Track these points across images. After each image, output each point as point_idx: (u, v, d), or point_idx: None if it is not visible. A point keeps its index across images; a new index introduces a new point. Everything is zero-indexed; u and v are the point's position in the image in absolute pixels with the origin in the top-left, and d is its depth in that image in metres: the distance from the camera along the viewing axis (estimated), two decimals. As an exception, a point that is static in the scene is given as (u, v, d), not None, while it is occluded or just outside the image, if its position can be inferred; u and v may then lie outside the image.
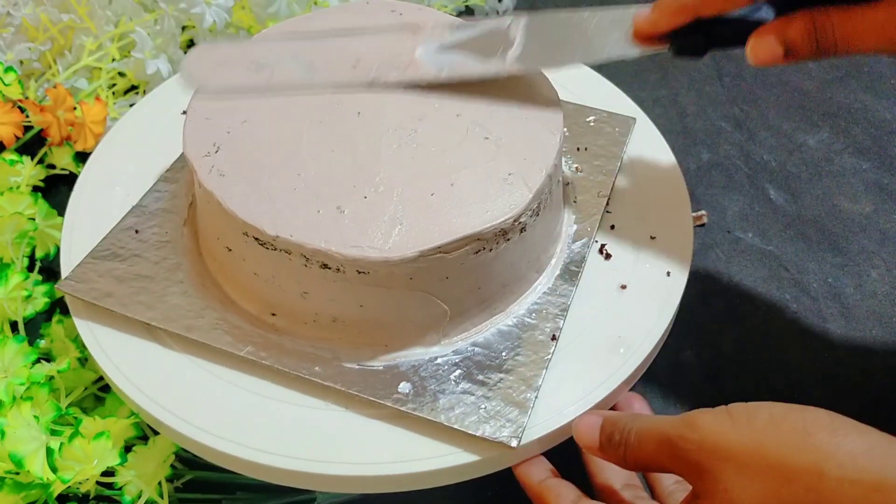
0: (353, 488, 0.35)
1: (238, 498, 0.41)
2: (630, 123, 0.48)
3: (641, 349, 0.38)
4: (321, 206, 0.35)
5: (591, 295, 0.40)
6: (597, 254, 0.42)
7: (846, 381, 0.47)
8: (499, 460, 0.35)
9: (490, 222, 0.35)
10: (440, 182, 0.36)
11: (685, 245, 0.42)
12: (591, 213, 0.43)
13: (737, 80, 0.66)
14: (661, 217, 0.44)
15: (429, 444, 0.35)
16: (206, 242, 0.40)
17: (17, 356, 0.41)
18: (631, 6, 0.37)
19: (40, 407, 0.39)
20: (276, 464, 0.34)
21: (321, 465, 0.34)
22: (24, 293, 0.45)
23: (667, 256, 0.42)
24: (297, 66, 0.41)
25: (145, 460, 0.38)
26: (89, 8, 0.57)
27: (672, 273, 0.41)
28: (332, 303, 0.36)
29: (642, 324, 0.39)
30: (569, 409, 0.36)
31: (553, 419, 0.35)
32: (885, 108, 0.64)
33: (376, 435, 0.35)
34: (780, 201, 0.57)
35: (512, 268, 0.38)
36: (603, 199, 0.44)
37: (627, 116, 0.48)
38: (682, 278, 0.41)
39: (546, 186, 0.37)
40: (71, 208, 0.44)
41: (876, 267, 0.53)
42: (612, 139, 0.47)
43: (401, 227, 0.34)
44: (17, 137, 0.52)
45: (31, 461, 0.36)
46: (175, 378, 0.37)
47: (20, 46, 0.57)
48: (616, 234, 0.43)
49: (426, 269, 0.34)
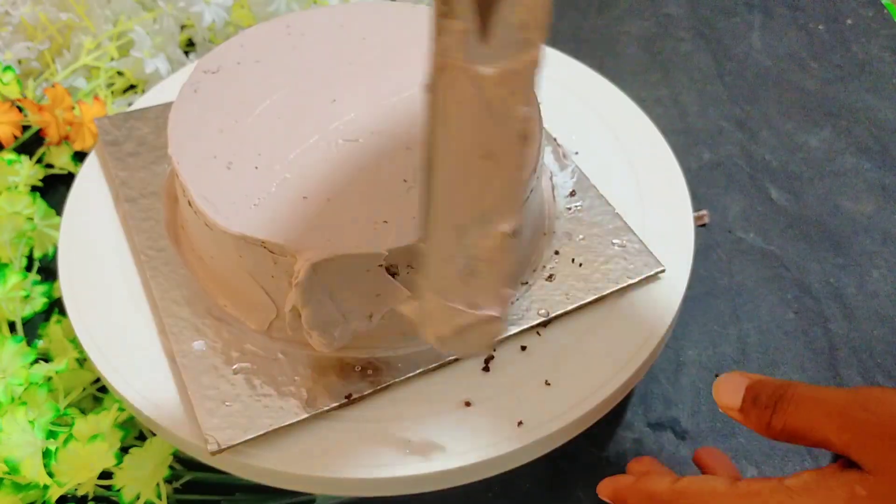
0: (352, 491, 0.35)
1: (237, 499, 0.41)
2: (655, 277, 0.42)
3: (642, 349, 0.38)
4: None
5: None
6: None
7: (848, 382, 0.47)
8: (500, 463, 0.35)
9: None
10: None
11: (686, 245, 0.42)
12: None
13: (738, 79, 0.66)
14: (662, 217, 0.43)
15: (428, 445, 0.34)
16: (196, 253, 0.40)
17: (16, 356, 0.41)
18: None
19: (38, 408, 0.39)
20: (275, 466, 0.34)
21: (319, 468, 0.34)
22: (23, 293, 0.45)
23: (667, 256, 0.41)
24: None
25: (143, 462, 0.38)
26: (88, 7, 0.57)
27: (673, 273, 0.41)
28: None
29: (643, 323, 0.39)
30: (569, 408, 0.36)
31: (526, 435, 0.35)
32: (888, 107, 0.63)
33: (453, 427, 0.35)
34: (782, 201, 0.57)
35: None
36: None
37: (655, 271, 0.41)
38: (683, 278, 0.41)
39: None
40: (69, 208, 0.44)
41: (878, 267, 0.53)
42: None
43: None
44: (16, 137, 0.52)
45: (27, 466, 0.36)
46: (172, 380, 0.37)
47: (18, 45, 0.57)
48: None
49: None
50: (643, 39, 0.70)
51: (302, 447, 0.34)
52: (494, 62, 0.25)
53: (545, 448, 0.36)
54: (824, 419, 0.29)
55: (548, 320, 0.38)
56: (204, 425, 0.34)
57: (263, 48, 0.43)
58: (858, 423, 0.28)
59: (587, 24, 0.71)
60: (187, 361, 0.36)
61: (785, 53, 0.68)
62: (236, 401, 0.35)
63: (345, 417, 0.35)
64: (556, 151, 0.46)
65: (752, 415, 0.31)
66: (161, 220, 0.42)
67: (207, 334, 0.37)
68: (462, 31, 0.24)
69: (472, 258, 0.28)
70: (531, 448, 0.35)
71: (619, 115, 0.49)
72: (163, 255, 0.40)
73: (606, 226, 0.42)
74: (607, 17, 0.72)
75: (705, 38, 0.70)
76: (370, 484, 0.34)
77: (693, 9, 0.73)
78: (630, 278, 0.40)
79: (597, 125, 0.48)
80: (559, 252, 0.41)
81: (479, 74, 0.25)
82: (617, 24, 0.71)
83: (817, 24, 0.71)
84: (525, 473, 0.39)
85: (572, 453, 0.36)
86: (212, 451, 0.33)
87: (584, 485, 0.42)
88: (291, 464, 0.34)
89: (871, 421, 0.28)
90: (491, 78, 0.25)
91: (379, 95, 0.40)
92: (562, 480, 0.42)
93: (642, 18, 0.72)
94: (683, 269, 0.41)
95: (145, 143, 0.45)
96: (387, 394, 0.36)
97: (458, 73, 0.25)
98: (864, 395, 0.28)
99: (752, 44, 0.69)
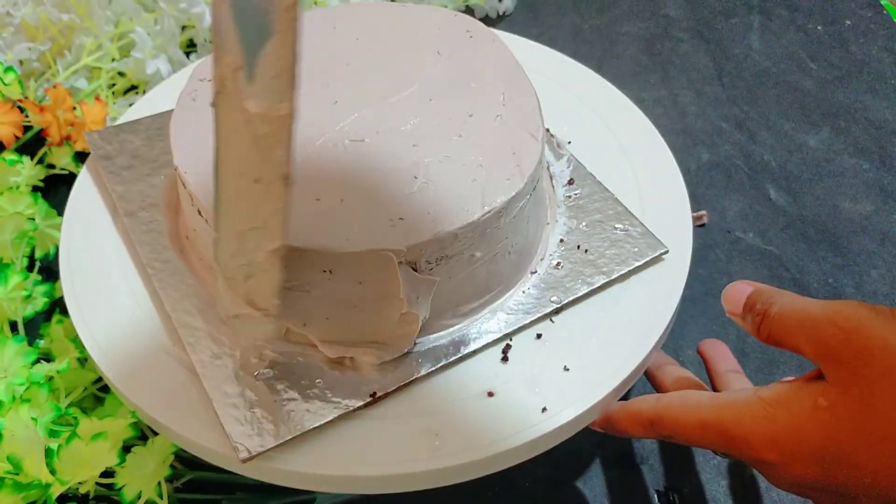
0: (353, 488, 0.35)
1: (238, 498, 0.41)
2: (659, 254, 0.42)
3: (653, 329, 0.38)
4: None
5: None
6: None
7: (846, 382, 0.47)
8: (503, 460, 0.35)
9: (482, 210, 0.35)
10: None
11: (685, 245, 0.42)
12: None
13: (737, 80, 0.66)
14: (662, 217, 0.44)
15: (428, 445, 0.35)
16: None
17: (17, 356, 0.41)
18: None
19: (40, 407, 0.39)
20: (306, 469, 0.34)
21: (321, 466, 0.34)
22: (24, 293, 0.45)
23: (667, 256, 0.42)
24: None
25: (144, 461, 0.38)
26: (89, 8, 0.57)
27: (672, 273, 0.41)
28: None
29: (643, 323, 0.39)
30: (569, 409, 0.36)
31: (551, 420, 0.35)
32: (886, 108, 0.63)
33: (478, 418, 0.35)
34: (781, 201, 0.57)
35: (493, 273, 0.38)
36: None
37: (659, 252, 0.42)
38: (682, 278, 0.41)
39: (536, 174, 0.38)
40: (70, 208, 0.44)
41: (876, 267, 0.53)
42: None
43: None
44: (17, 137, 0.52)
45: (30, 463, 0.36)
46: (174, 378, 0.37)
47: (20, 46, 0.57)
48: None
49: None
50: (643, 40, 0.70)
51: (332, 448, 0.34)
52: (258, 101, 0.26)
53: (568, 432, 0.36)
54: (799, 330, 0.31)
55: (560, 307, 0.39)
56: (232, 434, 0.34)
57: None
58: (826, 337, 0.30)
59: (587, 24, 0.72)
60: (207, 371, 0.36)
61: (784, 54, 0.68)
62: (261, 407, 0.35)
63: (370, 416, 0.35)
64: (551, 142, 0.46)
65: (748, 320, 0.34)
66: (163, 232, 0.41)
67: (224, 342, 0.37)
68: (233, 67, 0.26)
69: (249, 263, 0.31)
70: (556, 433, 0.35)
71: (618, 116, 0.49)
72: (169, 266, 0.40)
73: (607, 211, 0.43)
74: (607, 18, 0.72)
75: (704, 38, 0.70)
76: (400, 480, 0.34)
77: (692, 10, 0.73)
78: (636, 260, 0.40)
79: (596, 125, 0.48)
80: (564, 241, 0.41)
81: (247, 110, 0.26)
82: (617, 25, 0.71)
83: (816, 24, 0.71)
84: (525, 471, 0.39)
85: (573, 452, 0.36)
86: (242, 458, 0.33)
87: (584, 483, 0.42)
88: (322, 465, 0.34)
89: (837, 336, 0.29)
90: (256, 115, 0.27)
91: (379, 95, 0.40)
92: (562, 478, 0.42)
93: (642, 19, 0.72)
94: (682, 268, 0.41)
95: (139, 156, 0.45)
96: (410, 389, 0.36)
97: (232, 102, 0.27)
98: (836, 310, 0.30)
99: (751, 44, 0.69)
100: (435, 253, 0.35)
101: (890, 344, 0.28)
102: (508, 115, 0.39)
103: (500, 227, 0.36)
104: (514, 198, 0.36)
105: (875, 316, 0.29)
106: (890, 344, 0.28)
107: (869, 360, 0.28)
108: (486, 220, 0.35)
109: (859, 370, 0.28)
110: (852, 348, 0.29)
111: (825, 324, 0.30)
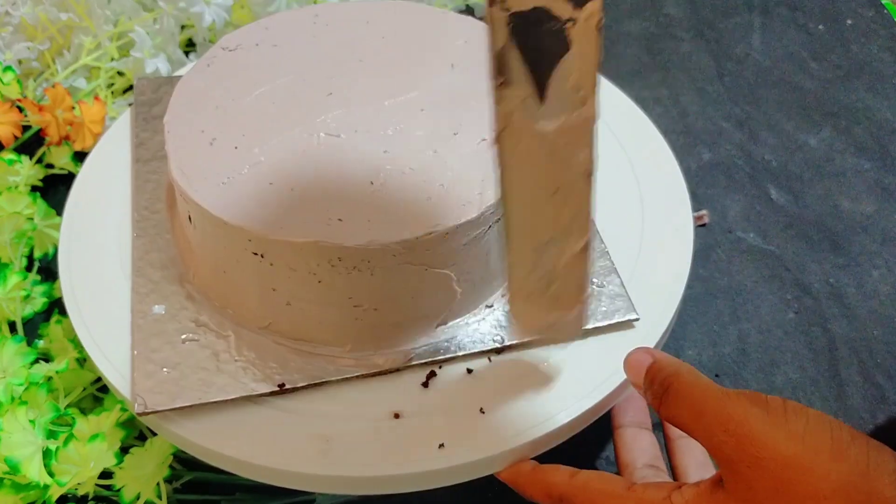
0: (352, 489, 0.35)
1: (237, 499, 0.41)
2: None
3: (574, 410, 0.36)
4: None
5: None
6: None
7: (848, 382, 0.47)
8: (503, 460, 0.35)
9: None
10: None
11: (686, 245, 0.42)
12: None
13: (738, 79, 0.66)
14: (662, 217, 0.44)
15: (427, 444, 0.34)
16: (200, 261, 0.40)
17: (16, 356, 0.41)
18: None
19: (39, 408, 0.39)
20: (275, 465, 0.34)
21: (214, 442, 0.34)
22: (23, 293, 0.45)
23: (667, 256, 0.42)
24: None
25: (143, 462, 0.38)
26: (88, 7, 0.57)
27: (672, 273, 0.41)
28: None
29: (643, 324, 0.39)
30: (564, 411, 0.36)
31: (446, 458, 0.35)
32: (887, 107, 0.63)
33: (376, 435, 0.35)
34: (782, 201, 0.57)
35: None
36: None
37: (627, 318, 0.39)
38: (683, 278, 0.41)
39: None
40: (69, 208, 0.44)
41: (877, 267, 0.53)
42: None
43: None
44: (16, 137, 0.52)
45: (28, 466, 0.36)
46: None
47: (19, 46, 0.57)
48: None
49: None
50: (643, 39, 0.70)
51: (226, 426, 0.35)
52: (553, 119, 0.27)
53: (463, 475, 0.35)
54: (694, 425, 0.30)
55: (502, 348, 0.37)
56: (136, 386, 0.35)
57: (285, 33, 0.43)
58: (720, 444, 0.28)
59: (587, 24, 0.71)
60: (143, 323, 0.37)
61: (785, 54, 0.68)
62: (175, 369, 0.36)
63: (274, 405, 0.35)
64: None
65: (648, 397, 0.32)
66: (162, 184, 0.43)
67: (172, 301, 0.38)
68: (521, 97, 0.26)
69: (550, 271, 0.32)
70: (448, 472, 0.34)
71: (618, 115, 0.49)
72: (155, 217, 0.41)
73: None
74: (607, 18, 0.72)
75: (705, 38, 0.70)
76: (280, 475, 0.34)
77: (693, 9, 0.73)
78: (597, 321, 0.38)
79: (596, 125, 0.48)
80: None
81: (541, 130, 0.27)
82: (617, 24, 0.71)
83: (817, 24, 0.71)
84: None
85: (572, 453, 0.36)
86: (138, 412, 0.34)
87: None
88: (210, 439, 0.34)
89: (728, 443, 0.28)
90: (552, 132, 0.27)
91: (375, 95, 0.40)
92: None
93: (642, 18, 0.72)
94: (683, 269, 0.41)
95: None
96: (321, 390, 0.36)
97: (522, 131, 0.27)
98: (727, 414, 0.28)
99: (752, 44, 0.69)
100: (369, 259, 0.34)
101: (780, 455, 0.27)
102: None
103: (443, 253, 0.35)
104: (463, 225, 0.34)
105: (766, 418, 0.28)
106: (780, 455, 0.27)
107: (762, 474, 0.27)
108: (428, 240, 0.34)
109: (754, 483, 0.27)
110: (746, 459, 0.27)
111: (717, 428, 0.28)
